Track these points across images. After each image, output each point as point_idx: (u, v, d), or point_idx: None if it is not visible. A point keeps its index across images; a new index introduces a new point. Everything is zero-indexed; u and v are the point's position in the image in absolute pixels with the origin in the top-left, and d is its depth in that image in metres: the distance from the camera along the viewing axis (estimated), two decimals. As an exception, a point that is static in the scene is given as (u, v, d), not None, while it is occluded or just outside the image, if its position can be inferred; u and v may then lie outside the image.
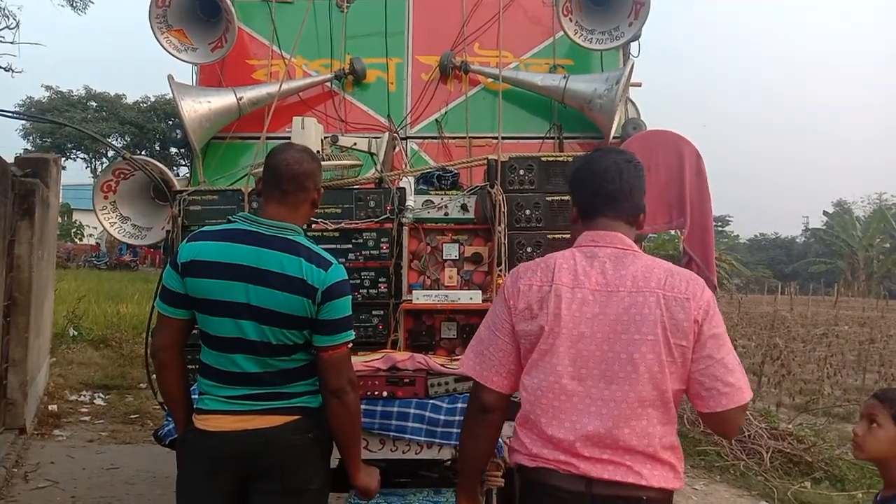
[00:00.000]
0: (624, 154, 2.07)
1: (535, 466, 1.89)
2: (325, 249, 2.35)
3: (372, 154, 4.05)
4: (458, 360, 3.26)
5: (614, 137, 4.24)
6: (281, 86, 4.32)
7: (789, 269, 56.79)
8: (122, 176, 4.19)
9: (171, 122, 36.76)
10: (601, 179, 1.99)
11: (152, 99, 39.09)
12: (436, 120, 4.58)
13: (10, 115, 4.86)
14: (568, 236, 3.50)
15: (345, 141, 4.00)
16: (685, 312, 1.82)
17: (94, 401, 8.04)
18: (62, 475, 5.46)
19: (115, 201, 4.23)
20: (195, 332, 2.33)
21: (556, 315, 1.85)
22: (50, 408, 7.31)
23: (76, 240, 37.18)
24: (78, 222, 36.97)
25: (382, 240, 3.58)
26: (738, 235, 60.08)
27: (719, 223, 53.68)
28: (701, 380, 1.84)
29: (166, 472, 5.13)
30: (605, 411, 1.82)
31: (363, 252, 3.58)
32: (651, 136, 4.07)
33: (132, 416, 7.34)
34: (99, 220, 4.23)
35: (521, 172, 3.61)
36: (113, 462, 5.83)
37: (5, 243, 5.90)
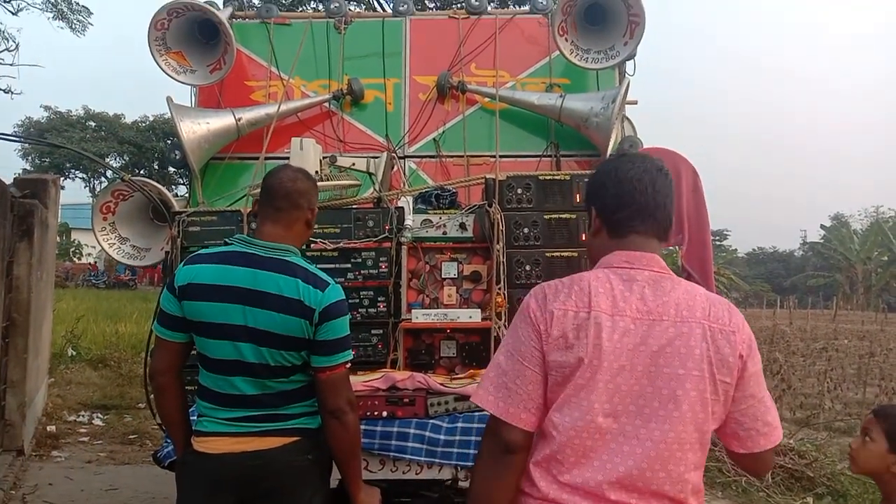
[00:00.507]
0: (654, 161, 1.86)
1: None
2: (324, 269, 2.36)
3: (370, 174, 4.07)
4: (458, 378, 3.27)
5: (611, 155, 4.27)
6: (279, 107, 4.35)
7: (788, 283, 56.81)
8: (120, 197, 4.20)
9: (169, 142, 36.84)
10: (632, 190, 1.78)
11: (151, 118, 39.31)
12: (433, 139, 4.60)
13: (9, 138, 4.88)
14: (567, 254, 3.55)
15: (343, 161, 4.02)
16: (731, 347, 1.66)
17: (93, 421, 7.99)
18: (61, 497, 5.42)
19: (114, 222, 4.23)
20: (193, 353, 2.34)
21: (597, 346, 1.64)
22: (48, 429, 7.27)
23: (74, 259, 37.18)
24: (76, 241, 36.98)
25: (381, 259, 3.59)
26: (736, 250, 60.25)
27: (717, 237, 53.77)
28: (741, 420, 1.70)
29: (165, 493, 5.10)
30: (639, 451, 1.62)
31: (362, 271, 3.59)
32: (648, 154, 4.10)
33: (131, 437, 7.30)
34: (98, 242, 4.23)
35: (519, 191, 3.63)
36: (112, 483, 5.80)
37: (4, 264, 5.90)
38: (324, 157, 3.93)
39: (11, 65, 15.16)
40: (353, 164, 4.03)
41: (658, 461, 1.62)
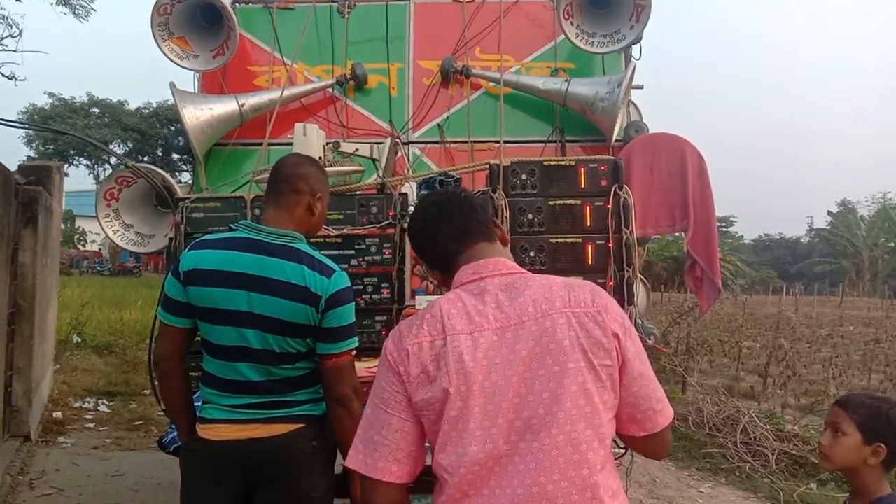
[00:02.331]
0: (439, 191, 1.94)
1: None
2: (328, 255, 2.35)
3: (374, 159, 4.05)
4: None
5: (616, 140, 4.24)
6: (283, 92, 4.33)
7: (794, 270, 56.73)
8: (124, 184, 4.20)
9: (173, 128, 36.88)
10: (419, 234, 1.83)
11: (155, 105, 39.26)
12: (437, 124, 4.57)
13: (13, 124, 4.87)
14: (571, 240, 3.53)
15: (346, 147, 4.00)
16: (601, 328, 1.57)
17: (99, 407, 8.04)
18: (67, 482, 5.46)
19: (117, 209, 4.23)
20: (197, 339, 2.33)
21: (460, 371, 1.53)
22: (54, 415, 7.31)
23: (79, 246, 37.27)
24: (81, 229, 37.06)
25: (385, 245, 3.57)
26: (742, 236, 60.19)
27: (723, 224, 53.60)
28: (636, 402, 1.60)
29: (171, 479, 5.13)
30: (534, 465, 1.49)
31: (366, 258, 3.57)
32: (653, 139, 4.07)
33: (136, 423, 7.34)
34: (102, 228, 4.23)
35: (524, 177, 3.60)
36: (117, 469, 5.83)
37: (9, 251, 5.91)
38: (327, 143, 3.90)
39: (15, 51, 15.17)
40: (357, 150, 4.01)
41: (555, 471, 1.50)
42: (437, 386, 1.54)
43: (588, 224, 3.52)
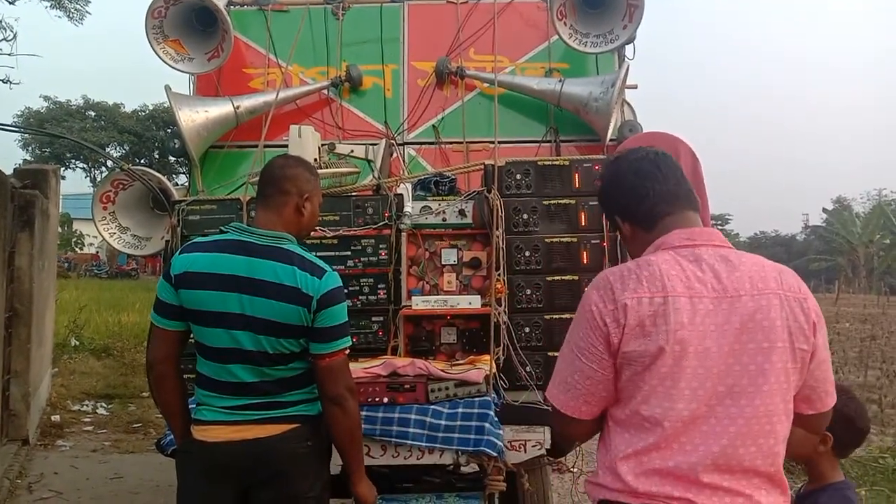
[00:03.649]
0: (646, 149, 1.90)
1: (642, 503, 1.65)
2: (323, 257, 2.37)
3: (369, 161, 4.05)
4: (458, 364, 3.28)
5: (611, 140, 4.25)
6: (278, 94, 4.33)
7: (790, 267, 56.65)
8: (120, 186, 4.20)
9: (169, 131, 36.74)
10: (640, 180, 1.82)
11: (151, 107, 39.15)
12: (433, 125, 4.58)
13: (9, 129, 4.88)
14: (566, 240, 3.55)
15: (342, 148, 4.01)
16: (805, 314, 1.67)
17: (97, 410, 8.05)
18: (66, 486, 5.47)
19: (114, 212, 4.23)
20: (192, 342, 2.35)
21: (678, 331, 1.62)
22: (52, 418, 7.32)
23: (76, 249, 37.21)
24: (78, 232, 37.02)
25: (381, 246, 3.58)
26: (737, 234, 60.30)
27: (719, 222, 53.76)
28: (814, 385, 1.72)
29: (170, 481, 5.10)
30: (732, 430, 1.62)
31: (362, 259, 3.58)
32: (647, 138, 4.08)
33: (135, 426, 7.35)
34: (98, 231, 4.23)
35: (519, 177, 3.62)
36: (116, 471, 5.84)
37: (6, 255, 5.92)
38: (322, 145, 3.91)
39: (10, 55, 15.09)
40: (352, 152, 4.02)
41: (749, 437, 1.62)
42: (653, 341, 1.63)
43: (583, 224, 3.54)
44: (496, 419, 2.85)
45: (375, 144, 4.13)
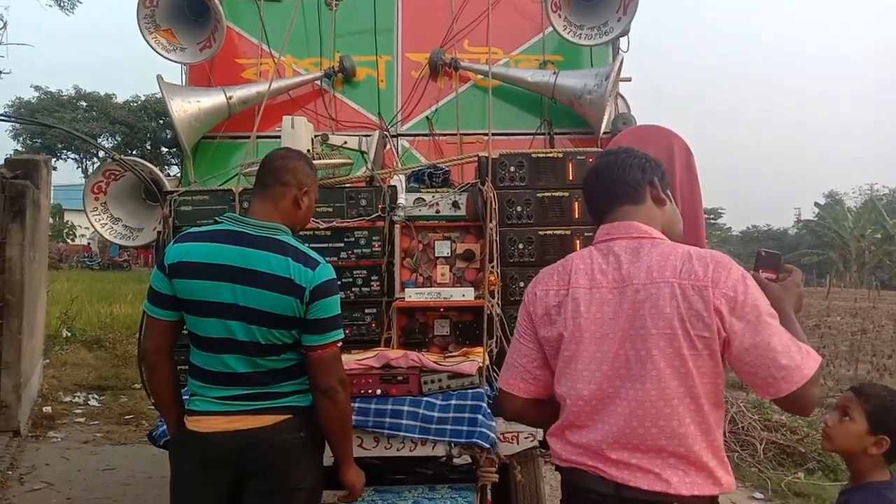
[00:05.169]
0: (609, 151, 2.11)
1: (568, 467, 1.86)
2: (317, 248, 2.36)
3: (362, 152, 4.04)
4: (451, 356, 3.28)
5: (604, 133, 4.25)
6: (270, 85, 4.31)
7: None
8: (112, 177, 4.18)
9: (161, 122, 36.52)
10: (588, 184, 2.03)
11: (143, 98, 38.87)
12: (426, 117, 4.57)
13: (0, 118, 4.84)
14: (560, 232, 3.55)
15: (335, 139, 3.99)
16: (704, 301, 1.70)
17: (89, 402, 8.03)
18: (57, 477, 5.45)
19: (105, 202, 4.21)
20: (185, 332, 2.34)
21: (575, 320, 1.82)
22: (44, 410, 7.30)
23: (68, 240, 37.00)
24: (70, 223, 36.78)
25: (374, 238, 3.57)
26: (730, 228, 60.45)
27: (711, 216, 53.85)
28: (753, 371, 1.72)
29: (162, 473, 5.11)
30: (629, 411, 1.75)
31: (355, 250, 3.58)
32: (641, 131, 4.08)
33: (127, 417, 7.33)
34: (90, 222, 4.21)
35: (512, 169, 3.61)
36: (108, 463, 5.83)
37: (-4, 246, 5.88)
38: (315, 136, 3.89)
39: (0, 44, 14.98)
40: (346, 143, 4.01)
41: (647, 418, 1.73)
42: (555, 329, 1.86)
43: (576, 216, 3.54)
44: (489, 411, 2.85)
45: (369, 136, 4.12)
